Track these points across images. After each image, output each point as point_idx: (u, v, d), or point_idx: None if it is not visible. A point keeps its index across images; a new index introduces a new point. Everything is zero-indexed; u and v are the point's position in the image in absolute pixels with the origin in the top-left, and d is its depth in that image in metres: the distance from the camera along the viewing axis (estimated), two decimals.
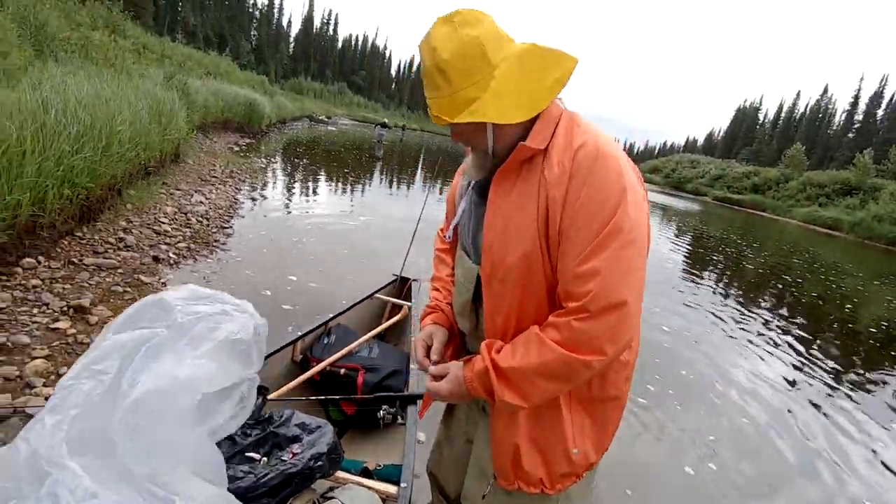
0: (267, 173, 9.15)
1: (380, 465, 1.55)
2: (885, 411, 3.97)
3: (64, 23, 7.89)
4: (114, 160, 4.09)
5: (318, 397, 1.83)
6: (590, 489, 1.09)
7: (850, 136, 56.04)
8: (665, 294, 6.12)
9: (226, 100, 13.38)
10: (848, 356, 5.33)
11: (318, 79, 70.10)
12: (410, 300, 2.78)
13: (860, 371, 4.92)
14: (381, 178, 13.00)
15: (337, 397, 1.97)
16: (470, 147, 0.99)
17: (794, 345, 5.19)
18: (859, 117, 57.44)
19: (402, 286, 3.03)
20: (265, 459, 1.20)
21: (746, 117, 75.91)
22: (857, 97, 57.95)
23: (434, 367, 1.04)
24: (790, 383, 4.13)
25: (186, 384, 0.98)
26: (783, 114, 69.63)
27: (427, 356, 1.09)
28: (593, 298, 0.79)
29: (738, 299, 6.93)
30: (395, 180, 13.29)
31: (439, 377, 1.00)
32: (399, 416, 1.63)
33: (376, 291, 2.81)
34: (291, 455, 1.20)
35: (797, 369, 4.49)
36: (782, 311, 6.71)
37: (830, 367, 4.72)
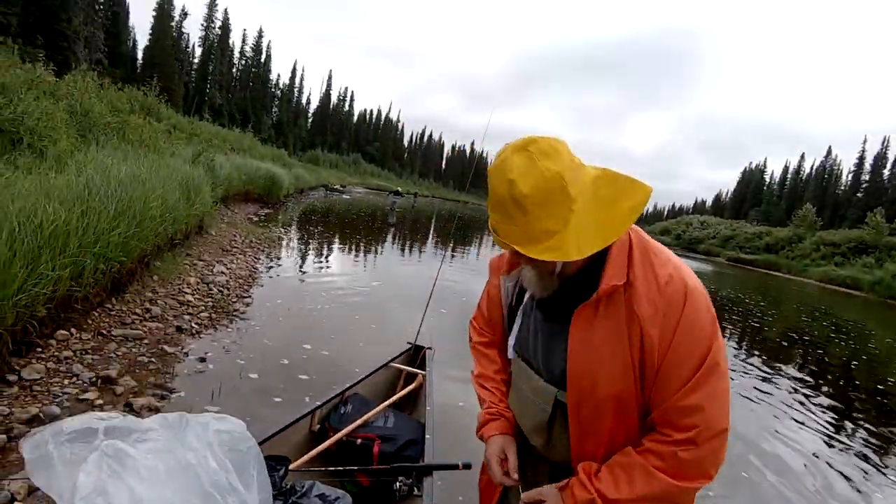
0: (284, 242, 9.48)
1: None
2: None
3: (105, 108, 8.61)
4: (145, 234, 4.36)
5: (336, 468, 1.87)
6: None
7: (859, 196, 56.43)
8: None
9: (248, 173, 14.14)
10: (887, 423, 5.12)
11: (334, 150, 73.57)
12: (425, 368, 2.84)
13: None
14: (394, 244, 13.32)
15: (353, 468, 2.00)
16: (531, 265, 0.97)
17: (827, 413, 5.02)
18: (866, 177, 58.10)
19: (417, 354, 3.10)
20: None
21: (753, 179, 77.16)
22: (863, 157, 58.98)
23: (526, 495, 1.02)
24: (827, 455, 3.97)
25: None
26: (789, 175, 70.77)
27: (506, 474, 1.07)
28: (700, 433, 0.84)
29: (763, 364, 6.78)
30: (408, 245, 13.60)
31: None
32: (415, 488, 1.66)
33: (391, 360, 2.87)
34: None
35: (832, 440, 4.33)
36: (809, 377, 6.53)
37: (865, 437, 4.53)
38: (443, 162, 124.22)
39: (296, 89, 73.73)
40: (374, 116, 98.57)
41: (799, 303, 17.25)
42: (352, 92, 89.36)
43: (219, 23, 53.56)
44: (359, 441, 2.12)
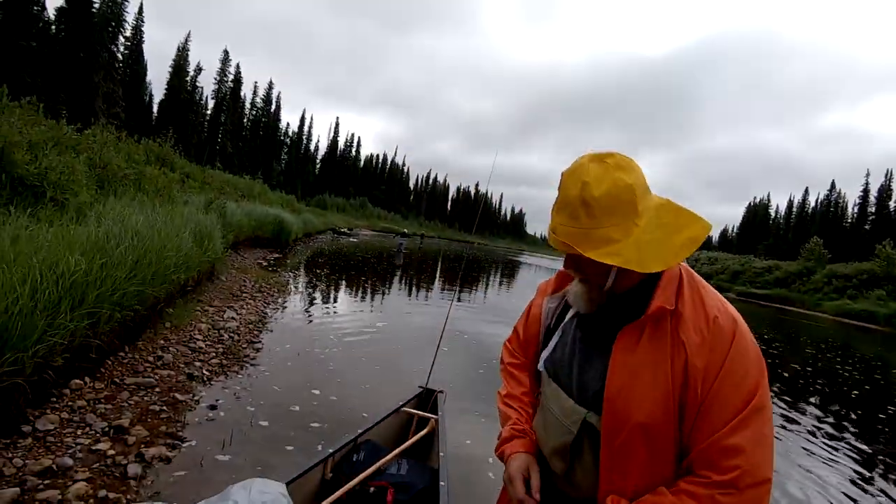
0: (293, 286, 9.56)
1: None
2: None
3: (122, 160, 8.94)
4: (159, 282, 4.45)
5: None
6: None
7: (867, 228, 56.31)
8: None
9: (257, 219, 14.44)
10: None
11: (342, 194, 74.97)
12: (437, 412, 2.82)
13: None
14: (401, 285, 13.36)
15: None
16: (579, 278, 0.99)
17: (856, 453, 4.84)
18: (871, 209, 58.10)
19: (428, 398, 3.08)
20: None
21: (758, 213, 77.34)
22: (867, 190, 59.18)
23: None
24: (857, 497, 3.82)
25: None
26: (794, 208, 70.94)
27: (527, 493, 1.03)
28: (741, 476, 0.80)
29: (786, 401, 6.60)
30: (415, 287, 13.63)
31: None
32: None
33: (403, 405, 2.86)
34: None
35: (863, 481, 4.17)
36: (835, 416, 6.33)
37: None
38: (448, 203, 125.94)
39: (304, 137, 76.07)
40: (381, 161, 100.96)
41: (815, 337, 16.90)
42: (358, 138, 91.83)
43: (231, 76, 56.04)
44: (372, 489, 2.10)
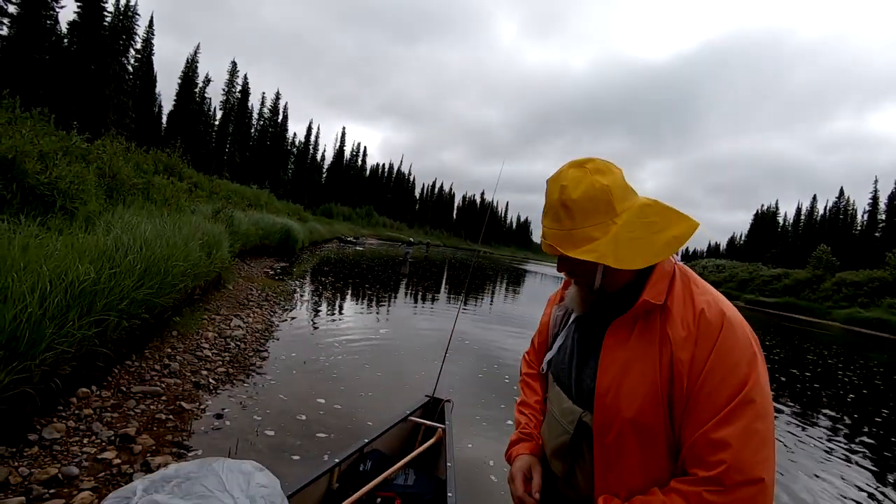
0: (299, 294, 9.57)
1: None
2: None
3: (131, 170, 9.03)
4: (166, 291, 4.46)
5: None
6: None
7: (877, 235, 55.71)
8: None
9: (264, 228, 14.51)
10: None
11: (348, 203, 75.29)
12: (444, 422, 2.79)
13: None
14: (407, 293, 13.34)
15: None
16: (573, 280, 1.02)
17: (874, 464, 4.75)
18: (881, 216, 57.52)
19: (435, 407, 3.05)
20: None
21: (766, 221, 76.81)
22: (876, 197, 58.62)
23: None
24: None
25: None
26: (803, 216, 70.38)
27: (527, 491, 1.05)
28: (727, 471, 0.77)
29: (799, 413, 6.49)
30: (421, 295, 13.60)
31: None
32: None
33: (409, 414, 2.83)
34: None
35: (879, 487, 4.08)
36: (852, 428, 6.22)
37: None
38: (454, 212, 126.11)
39: (311, 146, 76.59)
40: (386, 170, 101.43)
41: (830, 346, 16.67)
42: (364, 147, 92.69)
43: (239, 87, 56.66)
44: (379, 500, 2.07)
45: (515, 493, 1.06)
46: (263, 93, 67.95)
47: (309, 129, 76.58)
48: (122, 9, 35.74)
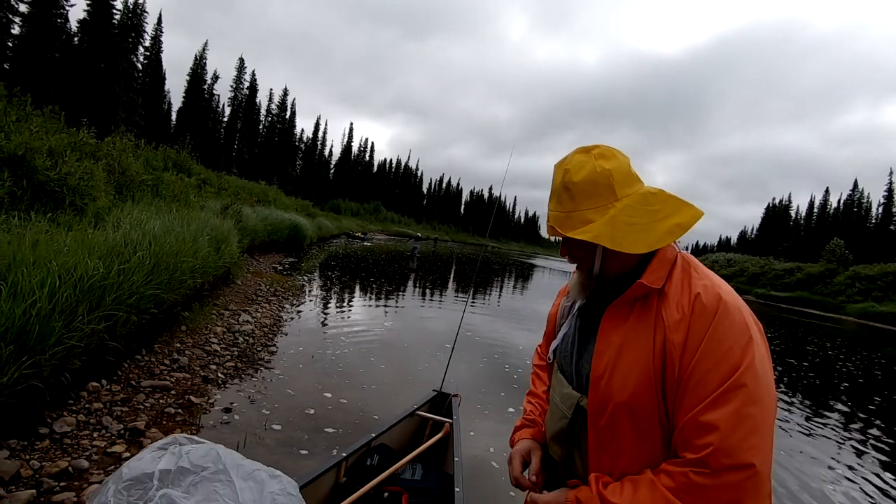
0: (307, 290, 9.60)
1: None
2: None
3: (140, 167, 9.09)
4: (175, 286, 4.49)
5: None
6: None
7: (892, 228, 54.77)
8: None
9: (272, 223, 14.57)
10: None
11: (356, 199, 75.45)
12: (452, 416, 2.78)
13: None
14: (415, 288, 13.35)
15: None
16: (576, 266, 1.04)
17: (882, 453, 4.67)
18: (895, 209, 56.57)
19: (443, 402, 3.04)
20: None
21: (778, 214, 75.83)
22: (891, 190, 57.57)
23: (531, 496, 1.01)
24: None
25: None
26: (815, 209, 69.36)
27: (522, 473, 1.09)
28: (713, 454, 0.75)
29: (812, 409, 6.41)
30: (428, 289, 13.61)
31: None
32: None
33: (417, 408, 2.82)
34: None
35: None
36: (868, 424, 6.13)
37: None
38: (461, 207, 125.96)
39: (319, 142, 76.77)
40: (394, 165, 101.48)
41: (841, 340, 16.45)
42: (372, 143, 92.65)
43: (247, 84, 56.88)
44: (386, 494, 2.07)
45: (512, 474, 1.11)
46: (271, 89, 68.47)
47: (317, 125, 76.73)
48: (131, 7, 35.96)
